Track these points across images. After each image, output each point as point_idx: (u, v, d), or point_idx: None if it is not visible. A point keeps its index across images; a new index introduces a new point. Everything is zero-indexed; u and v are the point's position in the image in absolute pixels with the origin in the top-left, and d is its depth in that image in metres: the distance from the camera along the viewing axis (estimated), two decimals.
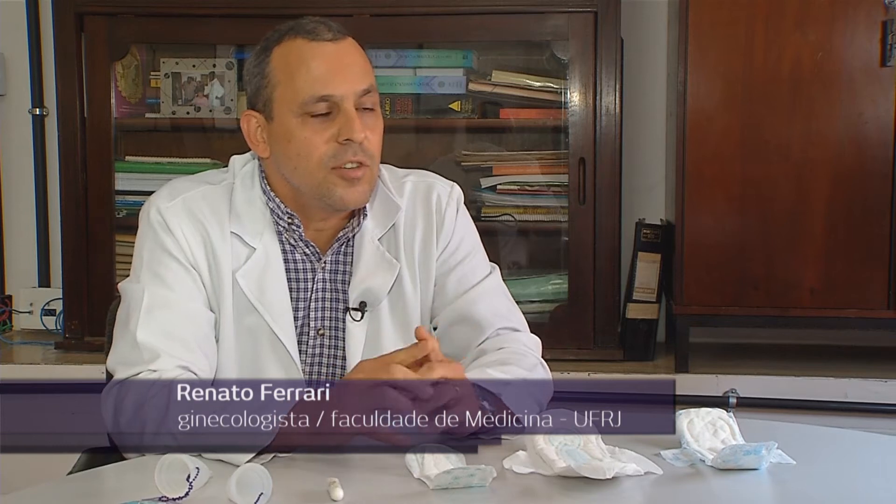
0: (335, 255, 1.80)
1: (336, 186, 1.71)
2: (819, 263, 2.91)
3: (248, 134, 1.77)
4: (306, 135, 1.70)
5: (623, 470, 1.43)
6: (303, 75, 1.69)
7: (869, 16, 2.85)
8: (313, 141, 1.69)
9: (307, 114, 1.69)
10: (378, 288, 1.79)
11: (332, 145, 1.69)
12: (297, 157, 1.71)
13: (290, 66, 1.70)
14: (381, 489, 1.43)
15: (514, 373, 1.70)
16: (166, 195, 1.77)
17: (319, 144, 1.69)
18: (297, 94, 1.69)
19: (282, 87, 1.71)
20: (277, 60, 1.71)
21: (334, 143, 1.69)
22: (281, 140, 1.72)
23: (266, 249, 1.76)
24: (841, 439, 1.71)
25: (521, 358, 1.76)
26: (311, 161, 1.70)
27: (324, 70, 1.69)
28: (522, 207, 3.25)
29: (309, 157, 1.70)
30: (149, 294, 1.70)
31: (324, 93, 1.68)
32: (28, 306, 3.44)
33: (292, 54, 1.70)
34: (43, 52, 3.46)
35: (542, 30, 3.14)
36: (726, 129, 2.92)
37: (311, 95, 1.68)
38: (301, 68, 1.69)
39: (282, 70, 1.71)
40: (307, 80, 1.69)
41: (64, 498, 1.45)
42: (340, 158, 1.69)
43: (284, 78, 1.70)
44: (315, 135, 1.69)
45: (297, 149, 1.71)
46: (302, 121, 1.70)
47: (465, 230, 1.88)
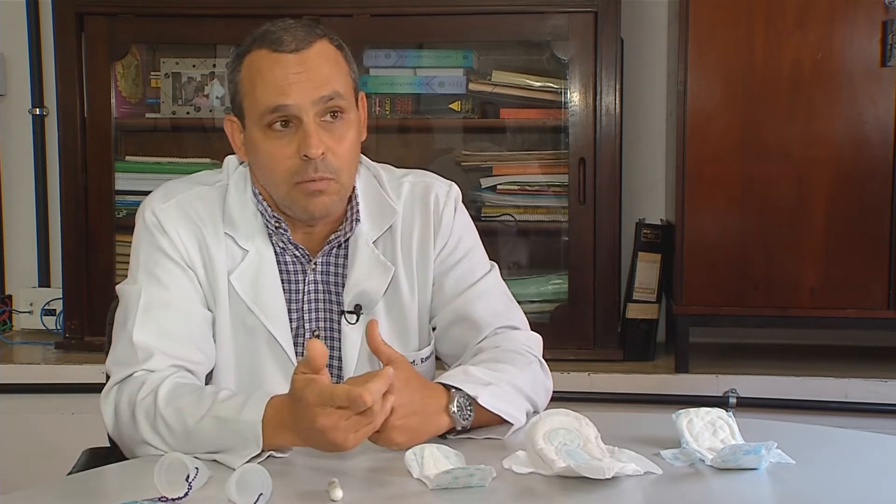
0: (326, 258, 1.79)
1: (300, 199, 1.70)
2: (819, 263, 2.91)
3: (231, 137, 1.78)
4: (269, 149, 1.69)
5: (623, 470, 1.43)
6: (261, 87, 1.68)
7: (869, 16, 2.85)
8: (276, 156, 1.68)
9: (267, 126, 1.68)
10: (373, 291, 1.78)
11: (294, 161, 1.68)
12: (264, 169, 1.72)
13: (253, 78, 1.69)
14: (381, 489, 1.43)
15: (504, 371, 1.69)
16: (161, 197, 1.77)
17: (282, 160, 1.68)
18: (257, 107, 1.68)
19: (247, 98, 1.70)
20: (245, 70, 1.71)
21: (296, 159, 1.68)
22: (251, 149, 1.73)
23: (259, 251, 1.76)
24: (841, 439, 1.71)
25: (516, 356, 1.74)
26: (276, 175, 1.70)
27: (279, 80, 1.66)
28: (522, 207, 3.25)
29: (273, 171, 1.70)
30: (145, 295, 1.70)
31: (278, 102, 1.66)
32: (28, 306, 3.44)
33: (254, 65, 1.69)
34: (43, 52, 3.46)
35: (542, 30, 3.14)
36: (726, 129, 2.92)
37: (267, 107, 1.67)
38: (260, 79, 1.68)
39: (247, 81, 1.70)
40: (265, 91, 1.67)
41: (64, 498, 1.45)
42: (301, 174, 1.68)
43: (249, 89, 1.70)
44: (277, 150, 1.68)
45: (263, 161, 1.71)
46: (264, 134, 1.69)
47: (463, 229, 1.87)
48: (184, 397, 1.58)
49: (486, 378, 1.65)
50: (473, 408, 1.61)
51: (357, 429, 1.44)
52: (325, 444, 1.46)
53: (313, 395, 1.43)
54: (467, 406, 1.61)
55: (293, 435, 1.49)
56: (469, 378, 1.64)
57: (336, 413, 1.43)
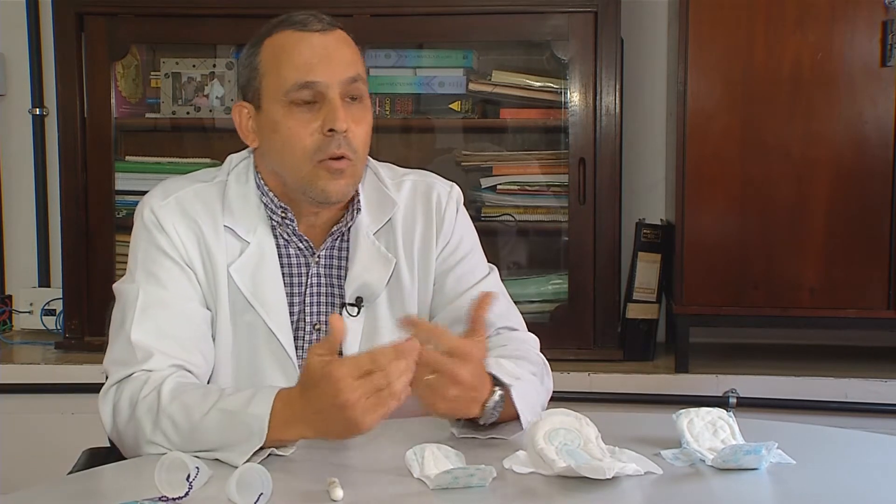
0: (329, 251, 1.80)
1: (319, 179, 1.70)
2: (819, 263, 2.91)
3: (238, 125, 1.78)
4: (291, 125, 1.69)
5: (623, 470, 1.43)
6: (288, 63, 1.69)
7: (869, 16, 2.85)
8: (298, 132, 1.69)
9: (292, 102, 1.69)
10: (374, 283, 1.79)
11: (317, 137, 1.69)
12: (283, 148, 1.71)
13: (278, 56, 1.71)
14: (381, 489, 1.43)
15: (526, 368, 1.70)
16: (159, 194, 1.77)
17: (304, 136, 1.69)
18: (283, 82, 1.69)
19: (269, 77, 1.71)
20: (267, 51, 1.72)
21: (319, 135, 1.69)
22: (267, 130, 1.73)
23: (260, 243, 1.76)
24: (841, 439, 1.71)
25: (528, 355, 1.77)
26: (295, 153, 1.70)
27: (308, 57, 1.69)
28: (522, 207, 3.25)
29: (294, 147, 1.70)
30: (144, 294, 1.70)
31: (307, 79, 1.68)
32: (28, 306, 3.44)
33: (279, 44, 1.71)
34: (43, 52, 3.46)
35: (542, 30, 3.14)
36: (726, 129, 2.92)
37: (294, 82, 1.68)
38: (287, 57, 1.70)
39: (270, 60, 1.72)
40: (292, 68, 1.69)
41: (64, 498, 1.45)
42: (325, 151, 1.69)
43: (272, 67, 1.71)
44: (300, 126, 1.69)
45: (283, 138, 1.71)
46: (287, 110, 1.70)
47: (465, 230, 1.88)
48: (188, 393, 1.58)
49: (517, 372, 1.66)
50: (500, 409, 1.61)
51: (377, 408, 1.44)
52: (342, 425, 1.46)
53: (336, 367, 1.44)
54: (498, 407, 1.61)
55: (303, 426, 1.49)
56: (502, 368, 1.64)
57: (359, 388, 1.43)
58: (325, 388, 1.45)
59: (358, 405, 1.43)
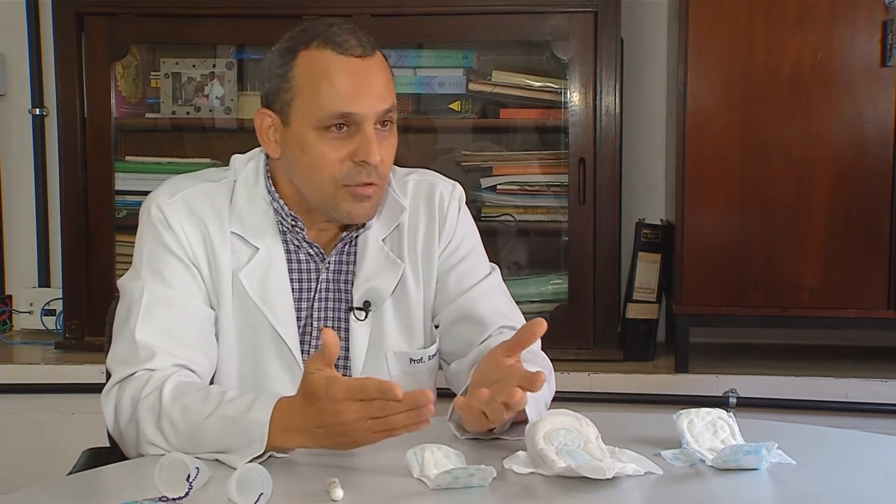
0: (339, 256, 1.79)
1: (344, 202, 1.69)
2: (819, 263, 2.91)
3: (260, 131, 1.74)
4: (322, 150, 1.67)
5: (623, 470, 1.43)
6: (326, 89, 1.65)
7: (869, 16, 2.85)
8: (328, 157, 1.67)
9: (325, 128, 1.66)
10: (382, 288, 1.78)
11: (347, 164, 1.67)
12: (310, 169, 1.69)
13: (315, 78, 1.66)
14: (381, 489, 1.43)
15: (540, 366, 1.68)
16: (166, 192, 1.76)
17: (334, 161, 1.67)
18: (319, 109, 1.66)
19: (303, 97, 1.67)
20: (302, 67, 1.68)
21: (349, 163, 1.67)
22: (294, 148, 1.70)
23: (269, 249, 1.75)
24: (841, 439, 1.71)
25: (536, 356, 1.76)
26: (323, 176, 1.68)
27: (348, 87, 1.65)
28: (522, 207, 3.25)
29: (322, 171, 1.68)
30: (149, 292, 1.69)
31: (345, 110, 1.65)
32: (28, 306, 3.44)
33: (318, 65, 1.67)
34: (43, 52, 3.46)
35: (542, 30, 3.14)
36: (726, 129, 2.92)
37: (332, 112, 1.65)
38: (326, 82, 1.66)
39: (306, 79, 1.67)
40: (330, 96, 1.65)
41: (64, 498, 1.45)
42: (353, 178, 1.67)
43: (308, 88, 1.67)
44: (331, 151, 1.67)
45: (311, 161, 1.68)
46: (319, 135, 1.67)
47: (467, 229, 1.88)
48: (190, 395, 1.58)
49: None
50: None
51: (378, 429, 1.44)
52: (341, 441, 1.47)
53: (340, 390, 1.44)
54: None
55: (302, 436, 1.49)
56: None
57: (362, 409, 1.43)
58: (327, 406, 1.45)
59: (357, 426, 1.44)
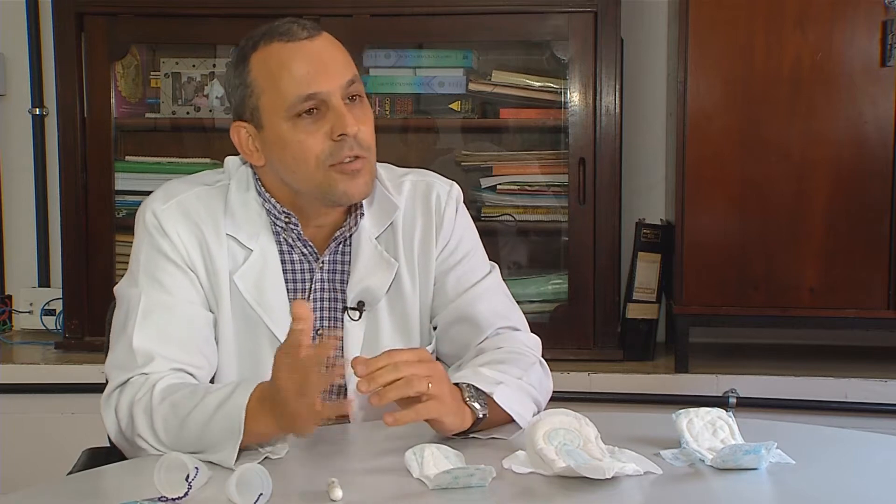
0: (332, 255, 1.79)
1: (338, 182, 1.69)
2: (819, 263, 2.91)
3: (240, 145, 1.75)
4: (299, 137, 1.68)
5: (623, 470, 1.43)
6: (286, 78, 1.67)
7: (869, 16, 2.85)
8: (307, 143, 1.68)
9: (296, 115, 1.68)
10: (376, 287, 1.78)
11: (328, 143, 1.68)
12: (294, 162, 1.70)
13: (272, 72, 1.68)
14: (381, 489, 1.43)
15: (510, 372, 1.69)
16: (161, 197, 1.76)
17: (314, 145, 1.68)
18: (284, 98, 1.67)
19: (268, 94, 1.69)
20: (257, 68, 1.70)
21: (329, 141, 1.68)
22: (275, 147, 1.71)
23: (263, 251, 1.75)
24: (841, 439, 1.71)
25: (519, 357, 1.75)
26: (308, 163, 1.69)
27: (306, 69, 1.67)
28: (522, 207, 3.25)
29: (306, 159, 1.69)
30: (146, 298, 1.70)
31: (309, 91, 1.67)
32: (28, 306, 3.44)
33: (272, 59, 1.69)
34: (43, 52, 3.46)
35: (542, 30, 3.14)
36: (726, 129, 2.92)
37: (297, 96, 1.67)
38: (283, 71, 1.67)
39: (264, 77, 1.69)
40: (290, 83, 1.67)
41: (64, 498, 1.45)
42: (337, 155, 1.68)
43: (269, 84, 1.69)
44: (308, 136, 1.68)
45: (293, 153, 1.69)
46: (293, 125, 1.68)
47: (465, 229, 1.87)
48: (179, 392, 1.59)
49: (497, 377, 1.66)
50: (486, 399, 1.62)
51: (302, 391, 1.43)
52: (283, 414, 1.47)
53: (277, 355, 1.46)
54: (480, 397, 1.62)
55: (270, 419, 1.50)
56: (480, 377, 1.65)
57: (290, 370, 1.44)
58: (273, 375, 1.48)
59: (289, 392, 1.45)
